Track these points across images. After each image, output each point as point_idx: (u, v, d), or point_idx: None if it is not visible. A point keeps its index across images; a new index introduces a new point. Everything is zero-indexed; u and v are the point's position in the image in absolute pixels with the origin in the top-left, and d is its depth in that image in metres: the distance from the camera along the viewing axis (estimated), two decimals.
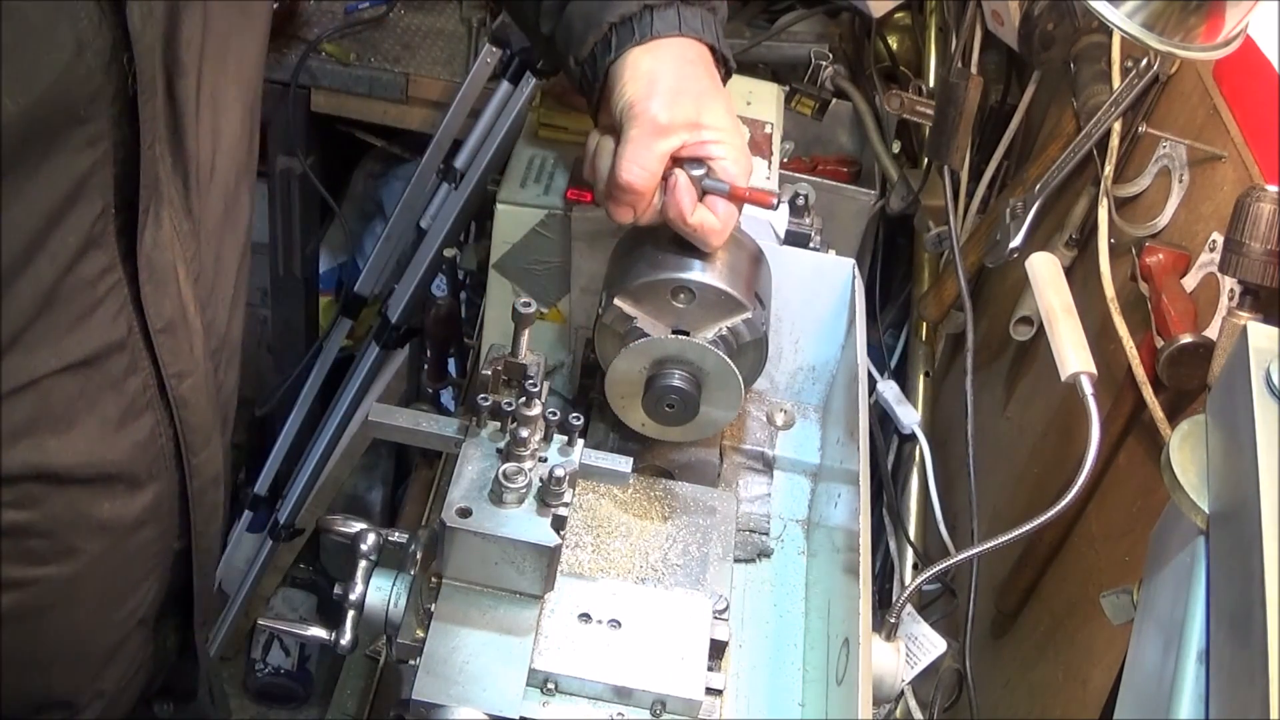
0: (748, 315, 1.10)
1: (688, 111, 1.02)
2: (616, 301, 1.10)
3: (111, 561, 0.90)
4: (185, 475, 0.92)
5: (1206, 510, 0.83)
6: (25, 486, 0.81)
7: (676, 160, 1.04)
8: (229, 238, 0.93)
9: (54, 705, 0.95)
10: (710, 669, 0.97)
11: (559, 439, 0.99)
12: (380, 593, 0.96)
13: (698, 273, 1.08)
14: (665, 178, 1.04)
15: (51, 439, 0.80)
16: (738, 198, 1.06)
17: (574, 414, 1.00)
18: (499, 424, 0.99)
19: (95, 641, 0.94)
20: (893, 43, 2.08)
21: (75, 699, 0.96)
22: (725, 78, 1.09)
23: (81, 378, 0.80)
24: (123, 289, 0.80)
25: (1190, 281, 1.21)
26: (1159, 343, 1.18)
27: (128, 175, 0.77)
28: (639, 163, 1.01)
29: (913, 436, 1.65)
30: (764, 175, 1.29)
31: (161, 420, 0.88)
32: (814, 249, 1.29)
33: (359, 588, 0.96)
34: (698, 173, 1.04)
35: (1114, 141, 1.39)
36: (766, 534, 1.21)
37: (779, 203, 1.25)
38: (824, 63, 1.87)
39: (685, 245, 1.08)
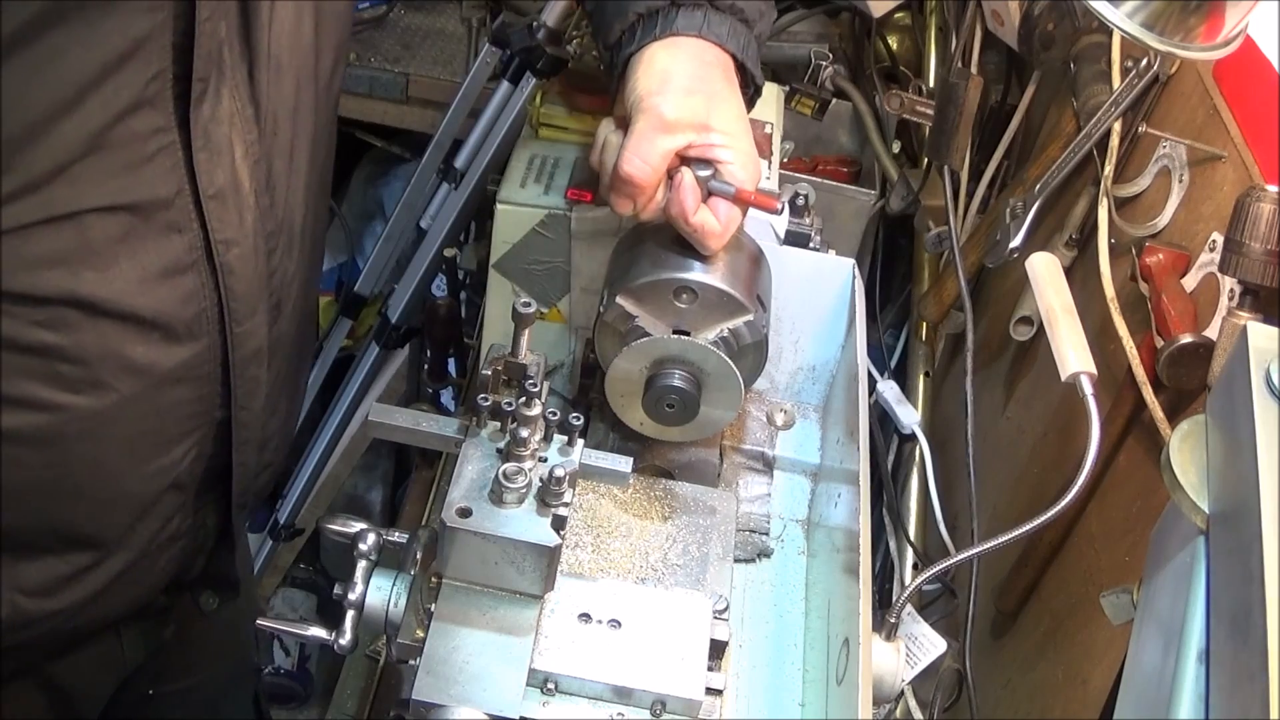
0: (749, 317, 1.10)
1: (697, 111, 1.02)
2: (619, 300, 1.10)
3: (144, 408, 0.92)
4: (227, 342, 0.94)
5: (1206, 510, 0.83)
6: (59, 310, 0.84)
7: (684, 160, 1.04)
8: (298, 139, 0.98)
9: (81, 541, 0.96)
10: (710, 669, 0.97)
11: (559, 439, 0.99)
12: (380, 593, 0.96)
13: (701, 274, 1.08)
14: (671, 175, 1.04)
15: (89, 271, 0.84)
16: (742, 201, 1.06)
17: (574, 414, 1.00)
18: (499, 424, 0.99)
19: (126, 488, 0.96)
20: (893, 43, 2.08)
21: (103, 539, 0.97)
22: (751, 97, 1.10)
23: (125, 222, 0.85)
24: (176, 151, 0.85)
25: (1190, 281, 1.21)
26: (1159, 343, 1.18)
27: (188, 48, 0.83)
28: (641, 156, 1.02)
29: (913, 436, 1.65)
30: (764, 175, 1.29)
31: (207, 283, 0.91)
32: (814, 249, 1.28)
33: (359, 588, 0.96)
34: (704, 174, 1.05)
35: (1114, 141, 1.39)
36: (766, 534, 1.21)
37: (783, 207, 1.25)
38: (824, 63, 1.87)
39: (689, 246, 1.08)
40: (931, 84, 1.96)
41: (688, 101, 1.02)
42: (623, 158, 1.02)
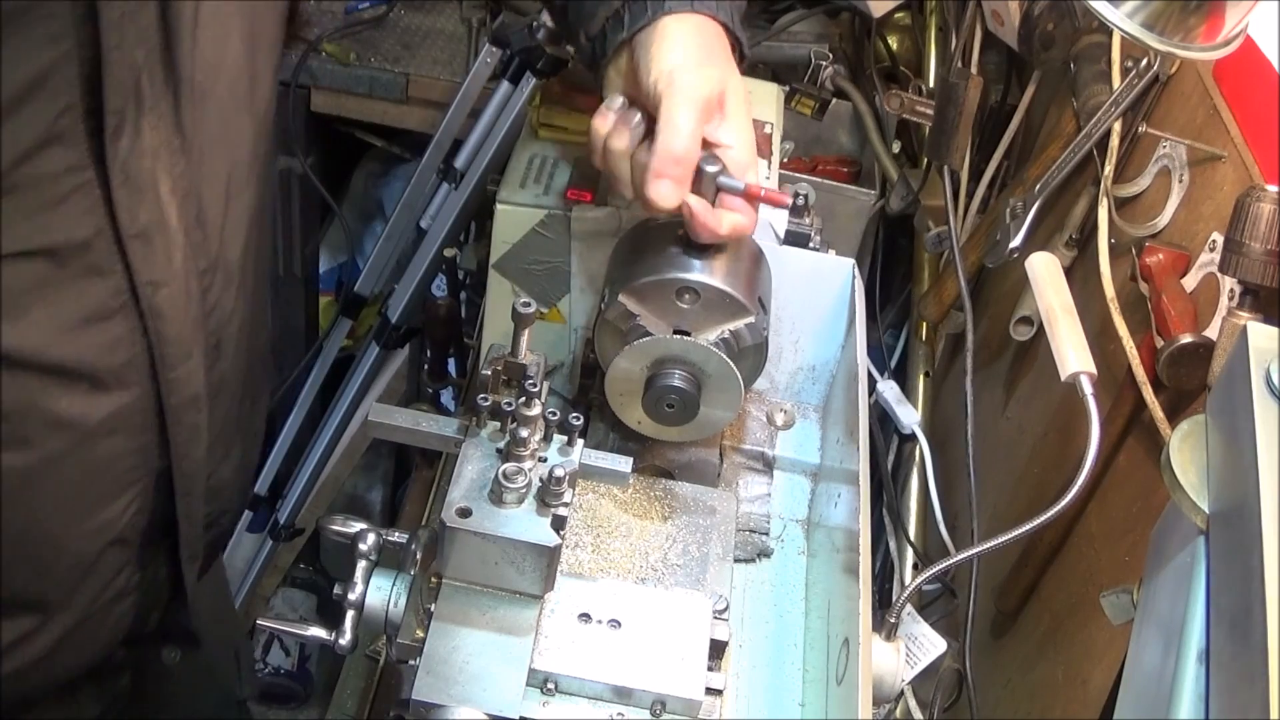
0: (750, 319, 1.10)
1: (714, 88, 1.00)
2: (621, 299, 1.10)
3: (75, 462, 0.88)
4: (160, 389, 0.90)
5: (1206, 510, 0.83)
6: None
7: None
8: (234, 168, 0.93)
9: (22, 604, 0.92)
10: (710, 669, 0.97)
11: (559, 439, 0.99)
12: (380, 593, 0.96)
13: (705, 274, 1.08)
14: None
15: (3, 322, 0.79)
16: (752, 197, 1.04)
17: (574, 414, 1.00)
18: (499, 424, 0.99)
19: (64, 547, 0.92)
20: (893, 43, 2.08)
21: (45, 601, 0.93)
22: (740, 63, 1.08)
23: (41, 268, 0.80)
24: (93, 190, 0.80)
25: (1190, 281, 1.21)
26: (1159, 343, 1.18)
27: (100, 79, 0.77)
28: (690, 134, 0.98)
29: (913, 436, 1.65)
30: (764, 175, 1.29)
31: (134, 328, 0.86)
32: (814, 249, 1.28)
33: (359, 588, 0.96)
34: (713, 169, 1.02)
35: (1114, 141, 1.39)
36: (766, 534, 1.21)
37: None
38: (824, 63, 1.87)
39: (691, 246, 1.08)
40: (931, 84, 1.96)
41: (711, 74, 0.99)
42: (673, 139, 0.97)
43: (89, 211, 0.80)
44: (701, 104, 0.99)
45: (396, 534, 1.01)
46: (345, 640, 0.96)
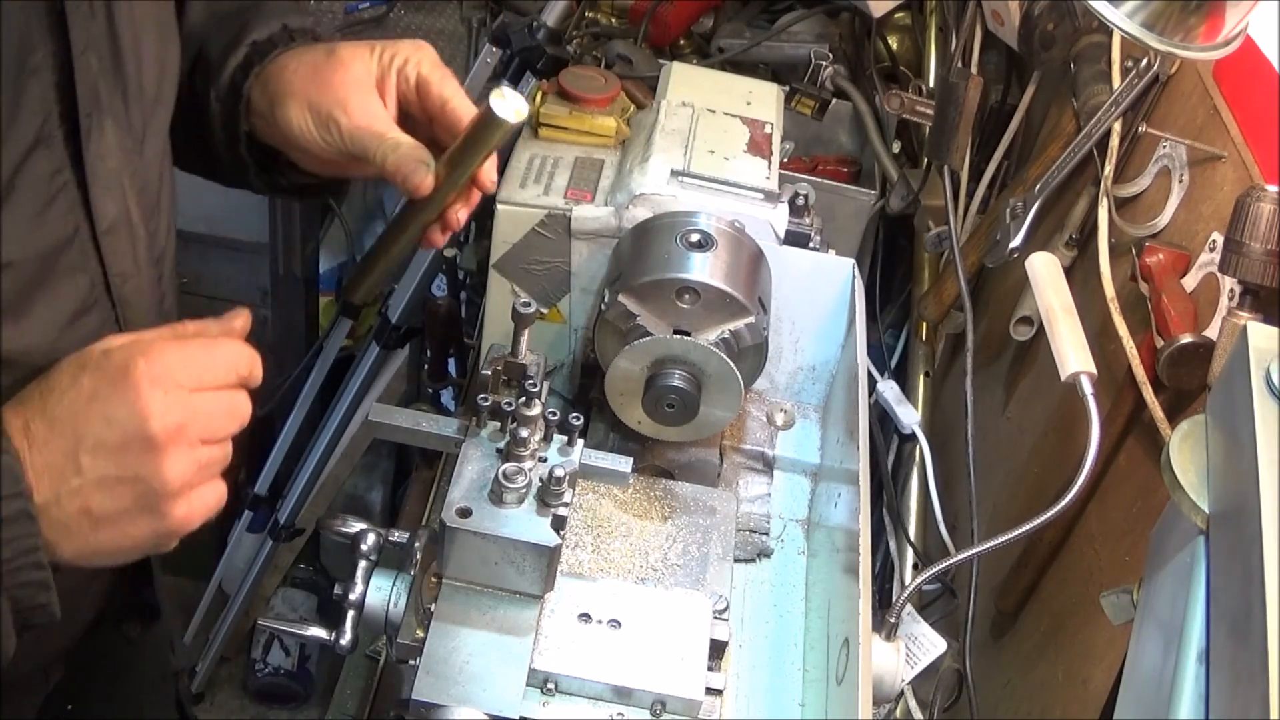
0: (750, 319, 1.10)
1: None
2: (621, 298, 1.10)
3: None
4: None
5: (1206, 510, 0.83)
6: None
7: None
8: (164, 160, 0.97)
9: None
10: (710, 669, 0.97)
11: (559, 439, 0.99)
12: (380, 593, 0.96)
13: (705, 274, 1.08)
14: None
15: (8, 325, 0.82)
16: None
17: (574, 414, 1.00)
18: (499, 424, 0.99)
19: None
20: (893, 43, 2.08)
21: None
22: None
23: (37, 270, 0.83)
24: (72, 190, 0.83)
25: (1190, 281, 1.21)
26: (1159, 343, 1.18)
27: (67, 85, 0.81)
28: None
29: (913, 436, 1.65)
30: (764, 175, 1.29)
31: (108, 319, 0.89)
32: (814, 249, 1.28)
33: (359, 588, 0.96)
34: None
35: (1114, 141, 1.39)
36: (766, 534, 1.21)
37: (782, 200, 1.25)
38: (824, 63, 1.87)
39: (693, 246, 1.08)
40: (931, 84, 1.96)
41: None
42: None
43: (70, 211, 0.83)
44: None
45: (396, 534, 1.01)
46: (345, 640, 0.96)
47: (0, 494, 0.73)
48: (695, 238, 1.15)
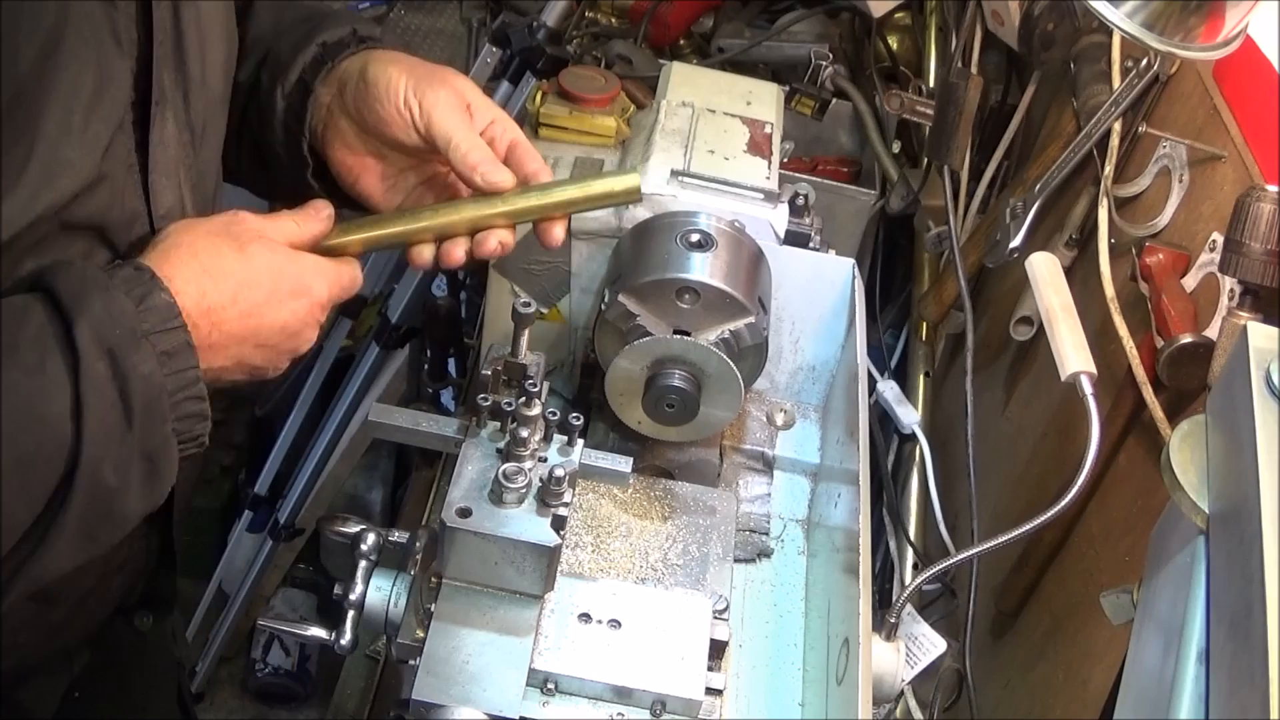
0: (750, 319, 1.10)
1: None
2: (621, 298, 1.10)
3: None
4: None
5: (1206, 510, 0.83)
6: None
7: None
8: (218, 156, 1.00)
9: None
10: (710, 669, 0.97)
11: (559, 439, 0.99)
12: (380, 593, 0.96)
13: (705, 275, 1.08)
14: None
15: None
16: None
17: (574, 414, 1.00)
18: (499, 424, 0.99)
19: None
20: (893, 43, 2.08)
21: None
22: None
23: (108, 251, 0.86)
24: (137, 175, 0.87)
25: (1190, 281, 1.21)
26: (1159, 343, 1.18)
27: (142, 72, 0.85)
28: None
29: (913, 436, 1.65)
30: (764, 175, 1.29)
31: None
32: (814, 249, 1.28)
33: (359, 588, 0.96)
34: None
35: (1114, 141, 1.39)
36: (766, 534, 1.21)
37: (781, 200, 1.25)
38: (824, 63, 1.87)
39: (693, 246, 1.08)
40: (931, 84, 1.96)
41: None
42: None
43: (136, 196, 0.87)
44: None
45: (396, 534, 1.01)
46: (345, 640, 0.96)
47: (160, 329, 0.78)
48: (695, 238, 1.15)
